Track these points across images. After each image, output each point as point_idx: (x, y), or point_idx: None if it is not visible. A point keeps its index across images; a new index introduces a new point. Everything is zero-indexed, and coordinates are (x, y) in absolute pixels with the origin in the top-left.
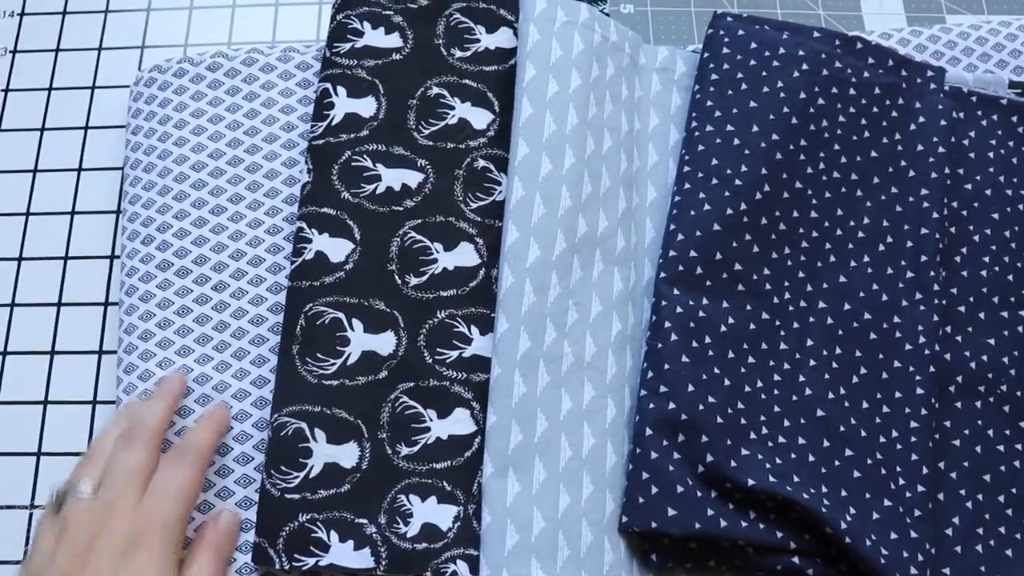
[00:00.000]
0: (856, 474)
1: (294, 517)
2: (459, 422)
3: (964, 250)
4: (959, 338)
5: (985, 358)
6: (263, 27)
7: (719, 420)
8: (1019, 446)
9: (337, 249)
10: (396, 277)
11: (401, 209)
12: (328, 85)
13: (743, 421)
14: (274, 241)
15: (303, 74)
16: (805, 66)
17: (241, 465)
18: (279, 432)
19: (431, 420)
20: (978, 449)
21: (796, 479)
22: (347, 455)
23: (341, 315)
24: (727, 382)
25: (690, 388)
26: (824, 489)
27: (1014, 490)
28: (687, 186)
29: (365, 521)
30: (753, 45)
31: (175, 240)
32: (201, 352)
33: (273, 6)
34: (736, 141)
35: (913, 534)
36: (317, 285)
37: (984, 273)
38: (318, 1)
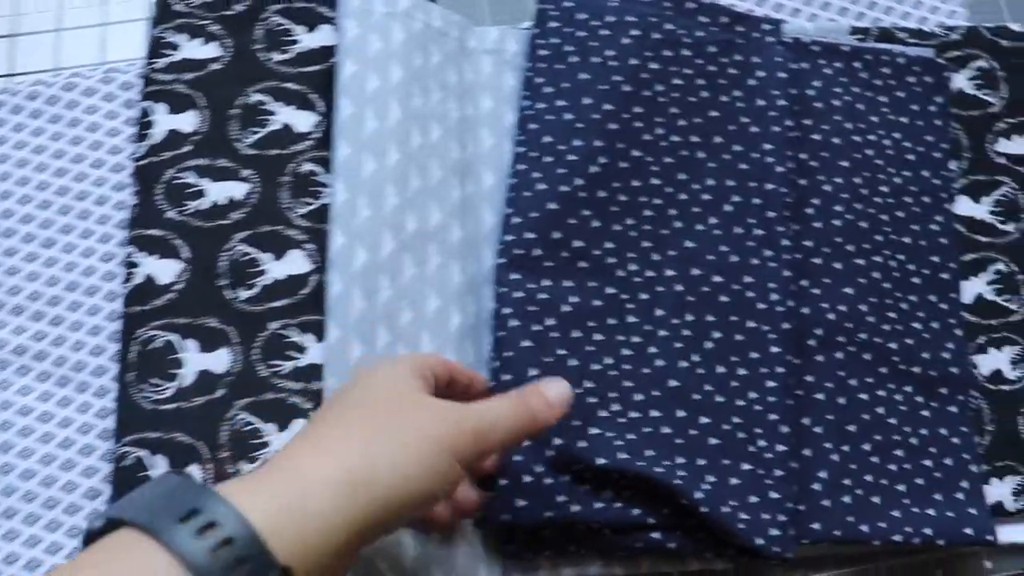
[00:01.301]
0: (713, 441)
1: None
2: None
3: (816, 201)
4: (816, 291)
5: (844, 308)
6: (90, 49)
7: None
8: (882, 392)
9: (166, 270)
10: (227, 292)
11: (228, 223)
12: (148, 103)
13: (591, 400)
14: (108, 268)
15: (127, 94)
16: (635, 32)
17: (91, 500)
18: (120, 463)
19: (270, 434)
20: (842, 401)
21: (649, 453)
22: None
23: (174, 337)
24: (572, 363)
25: (532, 373)
26: (679, 460)
27: (878, 437)
28: (521, 167)
29: None
30: (581, 16)
31: (7, 279)
32: (43, 389)
33: (100, 27)
34: (568, 116)
35: (773, 495)
36: (148, 309)
37: (837, 223)
38: (146, 17)
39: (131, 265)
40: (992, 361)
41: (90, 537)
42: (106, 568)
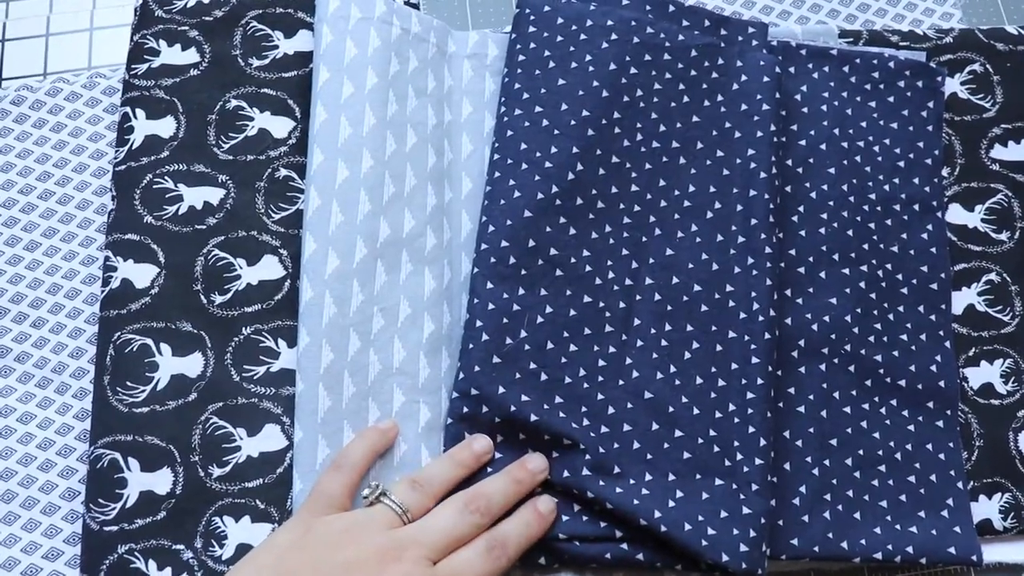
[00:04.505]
0: (686, 455)
1: (113, 549)
2: (269, 438)
3: (801, 208)
4: (800, 300)
5: (828, 318)
6: (79, 54)
7: (534, 418)
8: (865, 406)
9: (142, 275)
10: (202, 297)
11: (204, 228)
12: (128, 109)
13: (562, 415)
14: (90, 272)
15: (109, 99)
16: (614, 36)
17: (68, 501)
18: (95, 465)
19: (241, 439)
20: (824, 414)
21: (616, 469)
22: (161, 482)
23: (149, 341)
24: (544, 376)
25: (501, 390)
26: (648, 476)
27: (861, 451)
28: (497, 174)
29: (182, 547)
30: (560, 20)
31: None
32: (23, 391)
33: (88, 31)
34: (545, 122)
35: (746, 510)
36: (124, 313)
37: (823, 231)
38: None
39: (109, 269)
40: (983, 374)
41: None
42: None
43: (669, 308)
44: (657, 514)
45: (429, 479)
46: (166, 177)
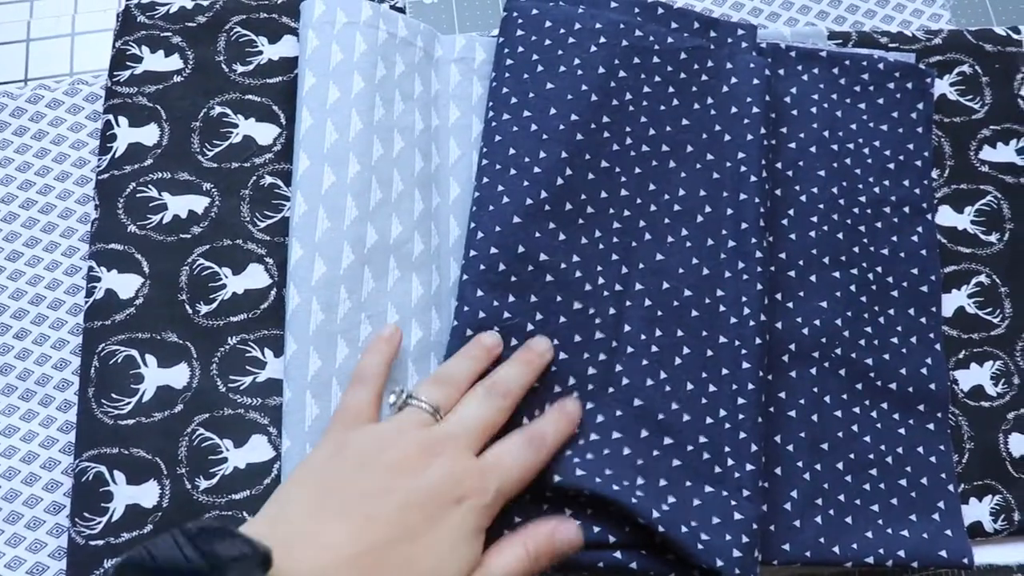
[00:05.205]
0: (676, 462)
1: (99, 564)
2: (256, 449)
3: (791, 212)
4: (790, 304)
5: (818, 322)
6: (60, 60)
7: (526, 423)
8: (856, 409)
9: (126, 285)
10: (187, 307)
11: (189, 236)
12: (110, 116)
13: None
14: (73, 282)
15: (92, 106)
16: (602, 39)
17: (53, 515)
18: (80, 478)
19: (228, 450)
20: (815, 418)
21: (608, 472)
22: (147, 495)
23: (134, 352)
24: (535, 385)
25: None
26: (640, 481)
27: (852, 455)
28: (485, 180)
29: None
30: (547, 24)
31: None
32: (7, 403)
33: (69, 37)
34: (533, 127)
35: (737, 516)
36: (108, 324)
37: (813, 234)
38: (114, 28)
39: (92, 279)
40: (973, 376)
41: None
42: None
43: (659, 313)
44: (655, 514)
45: (450, 375)
46: (150, 185)
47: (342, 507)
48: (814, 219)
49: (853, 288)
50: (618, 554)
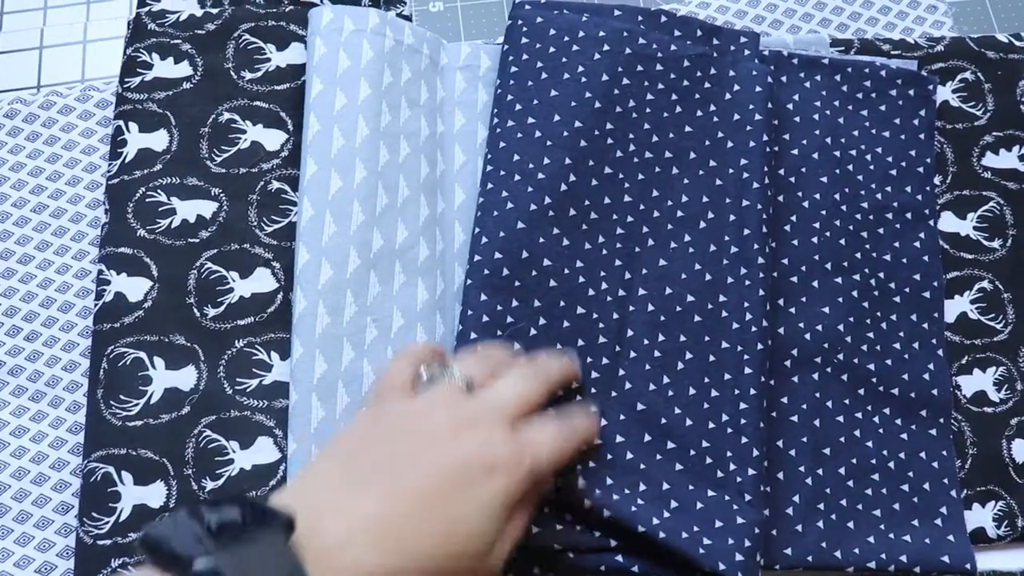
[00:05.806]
0: (678, 467)
1: (107, 564)
2: (262, 451)
3: (794, 218)
4: (793, 310)
5: (820, 328)
6: (72, 67)
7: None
8: (859, 415)
9: (135, 288)
10: (195, 310)
11: (197, 241)
12: (120, 122)
13: None
14: (83, 285)
15: (103, 112)
16: (606, 47)
17: (61, 515)
18: (88, 479)
19: (234, 452)
20: (817, 423)
21: (609, 480)
22: (154, 495)
23: (142, 354)
24: None
25: None
26: (642, 486)
27: (855, 460)
28: (490, 186)
29: None
30: (552, 31)
31: None
32: (17, 404)
33: (81, 44)
34: (538, 134)
35: (740, 520)
36: (117, 326)
37: (815, 240)
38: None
39: (103, 282)
40: (976, 382)
41: None
42: None
43: (662, 319)
44: (656, 520)
45: (487, 353)
46: (159, 190)
47: (371, 475)
48: (816, 225)
49: (855, 294)
50: (620, 557)
